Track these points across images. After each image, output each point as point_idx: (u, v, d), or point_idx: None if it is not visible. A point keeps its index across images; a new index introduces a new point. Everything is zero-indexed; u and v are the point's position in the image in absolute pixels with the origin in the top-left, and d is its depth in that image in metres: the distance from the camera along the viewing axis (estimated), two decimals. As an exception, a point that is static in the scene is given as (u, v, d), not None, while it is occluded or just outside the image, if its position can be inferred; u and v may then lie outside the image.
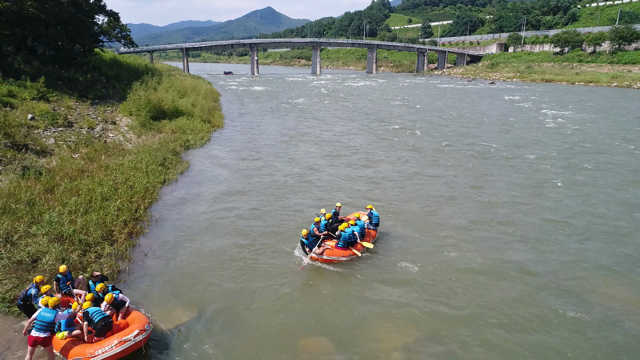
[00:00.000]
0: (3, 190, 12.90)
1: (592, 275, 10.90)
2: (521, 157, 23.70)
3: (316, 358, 8.01)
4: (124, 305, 8.37)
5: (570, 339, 8.41)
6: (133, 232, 12.68)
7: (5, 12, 28.88)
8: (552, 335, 8.53)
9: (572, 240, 13.02)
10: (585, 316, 9.11)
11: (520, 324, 8.86)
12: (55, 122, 23.27)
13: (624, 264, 11.40)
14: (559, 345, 8.28)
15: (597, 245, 12.67)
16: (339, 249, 11.53)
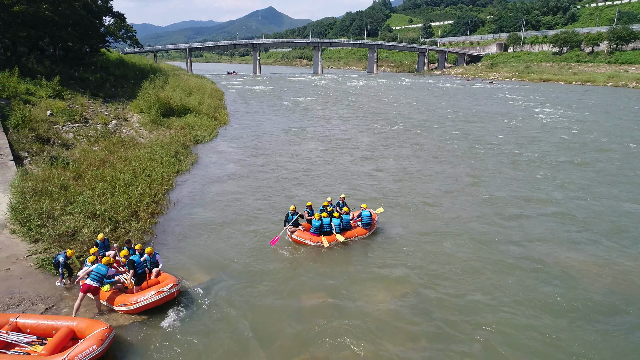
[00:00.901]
0: (38, 176, 14.57)
1: (587, 263, 11.68)
2: (515, 152, 24.87)
3: (317, 308, 9.59)
4: (158, 265, 9.98)
5: (556, 321, 9.18)
6: (154, 213, 14.38)
7: (21, 15, 30.33)
8: (538, 315, 9.56)
9: (564, 229, 13.93)
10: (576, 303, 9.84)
11: (510, 306, 9.71)
12: (72, 118, 24.86)
13: (615, 251, 12.39)
14: (543, 325, 9.11)
15: (591, 235, 13.46)
16: (310, 234, 12.77)
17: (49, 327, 8.24)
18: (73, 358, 7.32)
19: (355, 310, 9.57)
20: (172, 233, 13.45)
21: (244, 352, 8.30)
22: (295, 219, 12.98)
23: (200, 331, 8.86)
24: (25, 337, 8.03)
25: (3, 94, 23.94)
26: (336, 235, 12.79)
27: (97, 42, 42.63)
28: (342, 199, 14.24)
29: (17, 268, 10.45)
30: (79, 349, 7.44)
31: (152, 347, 8.33)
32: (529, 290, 10.37)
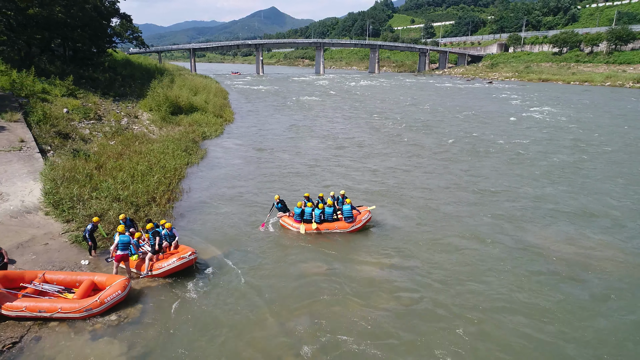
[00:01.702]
0: (65, 166, 16.09)
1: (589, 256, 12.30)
2: (510, 150, 25.85)
3: (316, 276, 11.08)
4: (175, 238, 11.48)
5: (552, 309, 9.80)
6: (170, 199, 15.96)
7: (36, 17, 31.77)
8: (529, 298, 11.26)
9: (558, 221, 14.73)
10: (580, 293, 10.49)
11: (504, 294, 10.43)
12: (87, 115, 26.34)
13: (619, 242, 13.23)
14: (537, 307, 9.90)
15: (589, 229, 14.16)
16: (292, 219, 14.08)
17: (72, 280, 10.04)
18: (104, 299, 9.16)
19: (346, 277, 11.05)
20: (186, 216, 15.02)
21: (252, 308, 9.81)
22: (282, 207, 14.46)
23: (213, 292, 10.42)
24: (54, 287, 9.80)
25: (22, 92, 25.42)
26: (313, 224, 13.76)
27: (104, 42, 44.15)
28: (341, 195, 14.72)
29: (54, 243, 11.95)
30: (107, 292, 9.31)
31: (172, 304, 9.82)
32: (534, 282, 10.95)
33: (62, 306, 8.96)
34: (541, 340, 8.74)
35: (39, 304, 8.96)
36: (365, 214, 14.05)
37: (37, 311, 8.88)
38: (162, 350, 8.40)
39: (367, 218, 14.06)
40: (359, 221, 13.88)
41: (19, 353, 8.13)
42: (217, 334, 8.89)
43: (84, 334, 8.69)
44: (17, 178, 15.71)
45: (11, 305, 8.83)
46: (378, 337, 8.79)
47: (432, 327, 9.16)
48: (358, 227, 13.92)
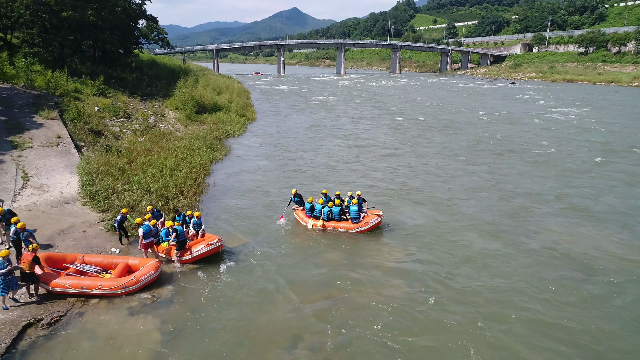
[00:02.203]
0: (99, 161, 17.14)
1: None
2: (531, 151, 25.57)
3: (333, 266, 11.76)
4: (201, 227, 12.29)
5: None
6: (196, 192, 16.87)
7: (69, 20, 33.21)
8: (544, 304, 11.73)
9: (587, 226, 14.47)
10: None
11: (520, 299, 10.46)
12: (117, 114, 27.58)
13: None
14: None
15: (615, 235, 13.84)
16: (304, 213, 14.59)
17: (109, 263, 11.08)
18: (139, 278, 10.16)
19: (362, 269, 11.67)
20: (212, 208, 15.91)
21: (273, 292, 10.56)
22: (298, 200, 15.10)
23: (237, 276, 11.21)
24: (93, 268, 10.84)
25: (57, 92, 26.79)
26: (320, 220, 14.07)
27: (132, 44, 45.66)
28: (358, 195, 14.44)
29: (91, 231, 12.92)
30: (141, 272, 10.32)
31: (200, 286, 10.60)
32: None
33: (101, 284, 9.91)
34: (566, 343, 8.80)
35: (81, 282, 9.91)
36: (373, 217, 13.83)
37: (80, 288, 9.83)
38: (192, 326, 9.17)
39: (375, 222, 13.81)
40: (365, 223, 13.73)
41: (64, 325, 9.02)
42: (241, 315, 9.61)
43: (121, 311, 9.55)
44: (55, 171, 16.83)
45: (57, 283, 9.77)
46: (392, 321, 9.37)
47: (444, 321, 9.68)
48: (363, 229, 13.76)
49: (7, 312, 9.11)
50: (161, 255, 11.72)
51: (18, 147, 18.23)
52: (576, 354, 8.43)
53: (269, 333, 9.03)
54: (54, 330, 8.83)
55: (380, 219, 13.92)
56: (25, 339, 8.49)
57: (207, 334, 8.94)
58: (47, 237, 12.38)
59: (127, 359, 8.17)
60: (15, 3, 29.40)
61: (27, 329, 8.72)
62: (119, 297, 10.03)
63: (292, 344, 8.68)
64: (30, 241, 10.71)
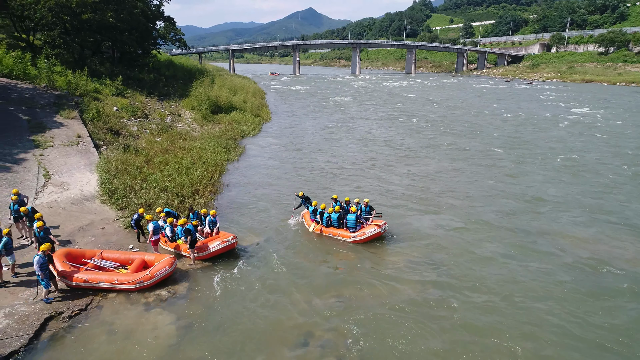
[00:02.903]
0: (117, 159, 17.57)
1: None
2: (558, 154, 24.78)
3: (345, 265, 11.85)
4: (216, 225, 12.55)
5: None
6: (212, 191, 17.20)
7: (89, 22, 33.93)
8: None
9: (617, 236, 13.76)
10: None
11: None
12: (134, 113, 28.12)
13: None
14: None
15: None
16: (309, 218, 14.42)
17: (126, 258, 11.44)
18: (153, 274, 10.46)
19: (374, 270, 11.79)
20: (227, 207, 16.17)
21: (285, 289, 10.75)
22: (304, 202, 15.02)
23: (251, 273, 11.43)
24: (111, 263, 11.20)
25: (77, 92, 27.43)
26: (318, 225, 13.90)
27: (149, 44, 46.39)
28: (365, 203, 14.09)
29: (110, 228, 13.28)
30: (156, 267, 10.63)
31: (215, 282, 10.84)
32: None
33: (118, 278, 10.23)
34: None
35: (99, 277, 10.25)
36: (371, 228, 13.16)
37: (97, 282, 10.18)
38: (206, 321, 9.40)
39: (373, 233, 13.11)
40: (362, 234, 13.13)
41: (84, 318, 9.33)
42: (254, 311, 9.81)
43: (138, 305, 9.83)
44: (75, 170, 17.30)
45: (76, 277, 10.12)
46: (404, 322, 9.46)
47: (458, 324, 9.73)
48: (358, 239, 13.19)
49: (30, 305, 9.46)
50: (171, 250, 12.04)
51: (40, 146, 18.77)
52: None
53: (281, 330, 9.20)
54: (75, 323, 9.15)
55: (379, 230, 13.17)
56: (47, 331, 8.82)
57: (221, 330, 9.16)
58: (67, 233, 12.77)
59: (143, 352, 8.42)
60: (37, 5, 30.17)
61: (49, 322, 9.05)
62: (135, 292, 10.32)
63: (303, 342, 8.84)
64: (50, 238, 11.13)
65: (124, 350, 8.46)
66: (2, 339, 8.28)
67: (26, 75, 27.10)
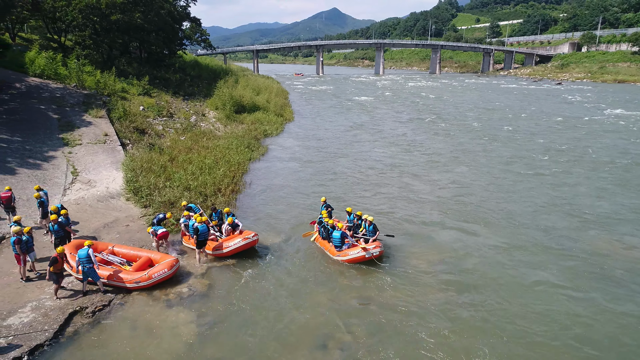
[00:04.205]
0: (143, 158, 17.90)
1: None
2: (601, 164, 22.71)
3: (360, 266, 11.74)
4: (238, 227, 12.60)
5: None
6: (234, 190, 17.31)
7: (117, 23, 34.67)
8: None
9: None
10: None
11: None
12: (160, 113, 28.59)
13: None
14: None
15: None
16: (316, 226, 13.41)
17: (134, 255, 11.50)
18: (151, 275, 10.43)
19: (395, 272, 11.60)
20: (249, 206, 16.27)
21: (305, 289, 10.73)
22: (325, 208, 13.88)
23: (271, 272, 11.44)
24: (118, 259, 11.33)
25: (105, 91, 28.08)
26: (315, 234, 13.29)
27: (176, 45, 47.16)
28: (369, 222, 12.56)
29: (134, 225, 13.50)
30: (155, 269, 10.61)
31: (235, 280, 10.86)
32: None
33: (117, 276, 10.32)
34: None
35: (101, 271, 10.35)
36: (356, 249, 11.93)
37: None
38: (225, 320, 9.43)
39: (357, 255, 11.86)
40: (345, 254, 12.02)
41: (107, 315, 9.49)
42: (273, 311, 9.79)
43: (159, 303, 9.94)
44: (102, 167, 17.69)
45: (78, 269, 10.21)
46: (424, 327, 9.29)
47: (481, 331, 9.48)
48: (341, 259, 12.07)
49: (56, 300, 9.67)
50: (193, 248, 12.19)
51: (69, 144, 19.27)
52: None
53: (301, 332, 9.14)
54: (98, 319, 9.30)
55: (363, 254, 11.77)
56: (72, 326, 8.99)
57: (240, 330, 9.16)
58: (93, 229, 13.04)
59: (164, 349, 8.49)
60: (69, 7, 31.02)
61: (73, 317, 9.23)
62: (133, 290, 10.36)
63: (322, 343, 8.76)
64: (68, 230, 11.41)
65: (145, 347, 8.55)
66: (29, 332, 8.48)
67: (57, 75, 27.89)
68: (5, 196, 12.72)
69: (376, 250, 11.89)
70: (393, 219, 15.13)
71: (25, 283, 10.21)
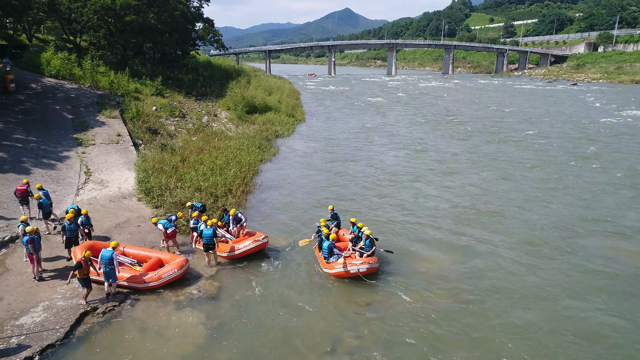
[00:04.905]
0: (154, 158, 18.00)
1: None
2: (628, 171, 21.33)
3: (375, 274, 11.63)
4: (241, 220, 12.60)
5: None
6: (244, 191, 17.32)
7: (131, 24, 35.01)
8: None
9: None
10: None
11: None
12: (172, 113, 28.77)
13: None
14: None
15: None
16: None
17: (145, 256, 11.61)
18: (161, 275, 10.49)
19: (406, 276, 11.47)
20: (259, 208, 16.29)
21: (314, 293, 10.69)
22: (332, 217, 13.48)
23: (280, 275, 11.42)
24: (129, 259, 11.45)
25: (119, 91, 28.36)
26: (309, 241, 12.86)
27: (189, 45, 47.47)
28: (366, 236, 11.72)
29: (145, 225, 13.58)
30: (164, 269, 10.67)
31: (245, 283, 10.87)
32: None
33: (128, 276, 10.37)
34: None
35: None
36: (340, 264, 11.05)
37: None
38: (234, 323, 9.43)
39: (339, 271, 11.06)
40: (331, 267, 11.26)
41: (118, 315, 9.55)
42: (282, 314, 9.76)
43: (169, 304, 9.98)
44: (115, 167, 17.85)
45: (90, 270, 10.20)
46: (433, 331, 9.19)
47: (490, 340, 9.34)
48: (328, 271, 11.34)
49: (67, 300, 9.76)
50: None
51: (82, 144, 19.49)
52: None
53: (309, 335, 9.10)
54: (109, 319, 9.37)
55: (348, 269, 10.92)
56: (83, 326, 9.06)
57: (249, 332, 9.15)
58: (105, 229, 13.15)
59: (173, 351, 8.52)
60: (84, 9, 31.41)
61: (84, 317, 9.30)
62: (144, 291, 10.41)
63: (331, 348, 8.71)
64: (87, 231, 11.58)
65: (155, 348, 8.58)
66: (40, 332, 8.57)
67: (72, 75, 28.25)
68: (22, 189, 13.00)
69: (364, 267, 10.96)
70: (403, 227, 14.66)
71: (38, 282, 10.33)
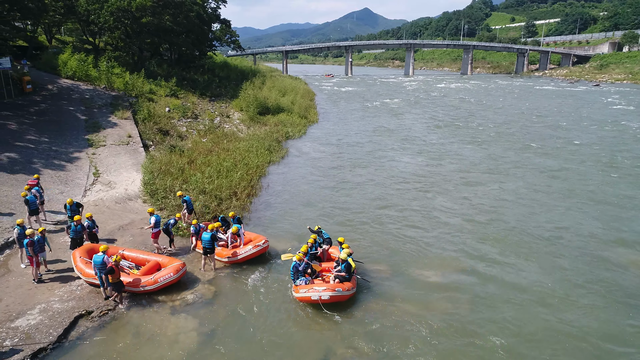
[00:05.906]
0: (162, 160, 18.11)
1: None
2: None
3: (368, 278, 11.35)
4: (240, 237, 12.43)
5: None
6: (250, 194, 17.25)
7: (147, 25, 35.40)
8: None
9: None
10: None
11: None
12: (185, 114, 28.96)
13: None
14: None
15: None
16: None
17: (143, 259, 11.61)
18: (157, 279, 10.44)
19: (403, 284, 11.21)
20: (263, 211, 16.17)
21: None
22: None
23: (279, 281, 11.24)
24: (127, 263, 11.44)
25: (133, 92, 28.69)
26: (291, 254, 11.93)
27: (205, 46, 47.82)
28: (341, 260, 10.57)
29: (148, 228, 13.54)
30: (161, 273, 10.61)
31: (242, 288, 10.76)
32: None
33: (125, 280, 10.29)
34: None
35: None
36: (304, 289, 10.06)
37: None
38: (228, 329, 9.35)
39: (303, 296, 10.03)
40: (296, 290, 10.23)
41: (112, 319, 9.55)
42: (277, 322, 9.63)
43: (164, 309, 9.94)
44: (123, 169, 18.00)
45: (88, 273, 10.38)
46: (430, 341, 8.94)
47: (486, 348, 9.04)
48: (294, 295, 10.32)
49: (64, 302, 9.81)
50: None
51: (93, 145, 19.73)
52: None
53: (303, 344, 8.95)
54: (102, 323, 9.37)
55: (309, 295, 9.94)
56: (77, 329, 9.08)
57: (242, 339, 9.04)
58: (108, 231, 13.23)
59: (164, 357, 8.45)
60: (101, 11, 31.90)
61: (79, 320, 9.33)
62: (140, 294, 10.37)
63: (323, 358, 8.52)
64: (92, 234, 11.61)
65: (147, 353, 8.53)
66: (34, 335, 8.61)
67: (87, 76, 28.70)
68: (32, 184, 13.35)
69: (326, 294, 9.82)
70: (409, 241, 13.85)
71: (37, 284, 10.41)
